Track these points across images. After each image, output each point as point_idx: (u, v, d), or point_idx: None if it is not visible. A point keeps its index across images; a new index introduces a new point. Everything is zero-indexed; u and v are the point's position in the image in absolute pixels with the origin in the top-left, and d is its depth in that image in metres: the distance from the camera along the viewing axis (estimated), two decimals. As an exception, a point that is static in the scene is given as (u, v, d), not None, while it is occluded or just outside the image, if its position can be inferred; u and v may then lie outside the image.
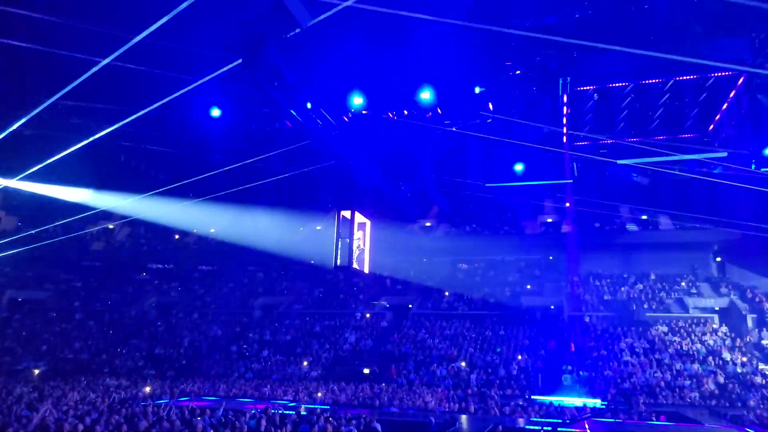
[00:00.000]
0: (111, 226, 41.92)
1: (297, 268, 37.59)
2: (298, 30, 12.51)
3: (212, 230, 34.93)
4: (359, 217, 28.06)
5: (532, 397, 21.26)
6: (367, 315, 32.42)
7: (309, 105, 18.44)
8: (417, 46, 19.56)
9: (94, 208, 24.85)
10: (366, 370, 25.99)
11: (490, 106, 24.09)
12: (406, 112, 20.91)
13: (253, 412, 14.01)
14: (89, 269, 43.51)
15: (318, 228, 39.25)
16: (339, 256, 26.43)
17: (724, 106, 22.97)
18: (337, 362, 27.70)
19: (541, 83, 22.23)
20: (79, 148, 14.49)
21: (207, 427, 11.96)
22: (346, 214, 27.68)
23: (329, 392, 21.37)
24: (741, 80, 21.70)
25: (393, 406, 18.18)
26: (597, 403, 20.24)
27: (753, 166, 23.46)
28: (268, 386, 23.18)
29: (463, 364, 25.16)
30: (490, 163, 27.76)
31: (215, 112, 20.92)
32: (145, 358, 31.03)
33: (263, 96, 19.12)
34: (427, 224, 37.64)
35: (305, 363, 27.34)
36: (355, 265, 27.89)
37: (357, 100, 20.04)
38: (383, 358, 27.29)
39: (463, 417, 16.08)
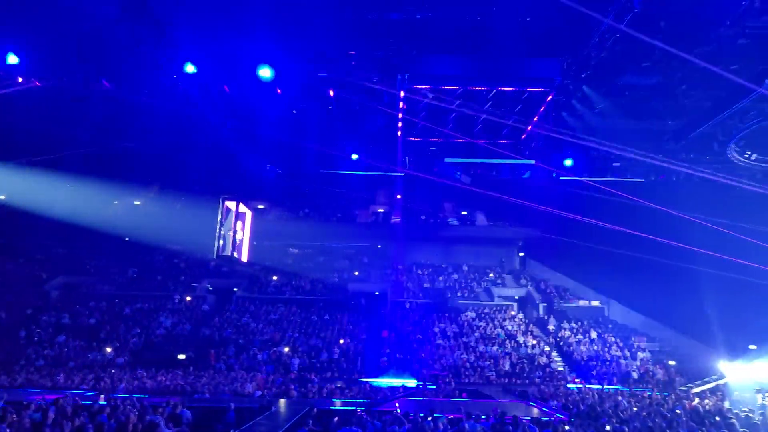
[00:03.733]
0: None
1: (108, 245, 33.84)
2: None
3: (1, 197, 29.81)
4: (238, 206, 27.41)
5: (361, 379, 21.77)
6: (188, 298, 30.53)
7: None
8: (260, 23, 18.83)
9: None
10: (181, 356, 24.44)
11: (331, 92, 24.21)
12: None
13: (39, 403, 12.21)
14: None
15: (137, 203, 35.94)
16: (221, 246, 25.53)
17: (535, 119, 25.77)
18: (148, 348, 25.61)
19: (381, 77, 22.86)
20: None
21: (-26, 422, 10.11)
22: (231, 204, 26.75)
23: (136, 380, 19.66)
24: (550, 97, 24.49)
25: (207, 392, 17.31)
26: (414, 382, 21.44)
27: (554, 175, 26.82)
28: (62, 375, 20.57)
29: (286, 349, 24.94)
30: (327, 150, 27.93)
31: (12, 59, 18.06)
32: None
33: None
34: (260, 206, 36.58)
35: (109, 349, 24.83)
36: (234, 255, 26.99)
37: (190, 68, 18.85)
38: (202, 343, 25.91)
39: (281, 401, 15.88)
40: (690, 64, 15.93)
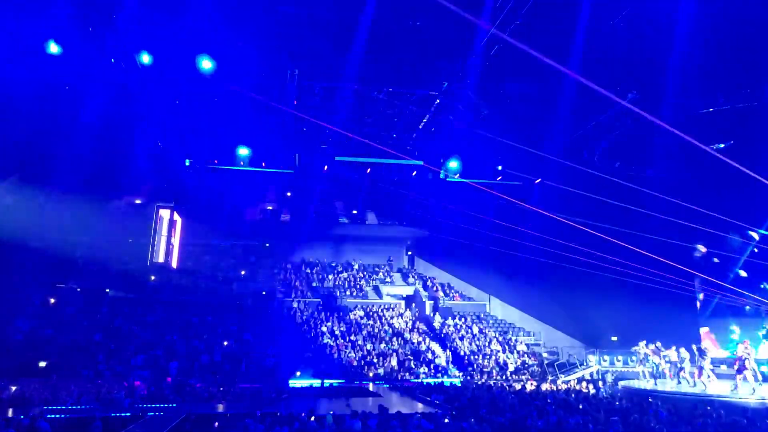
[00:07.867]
0: None
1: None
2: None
3: None
4: (172, 215, 26.59)
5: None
6: (51, 300, 27.71)
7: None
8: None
9: None
10: (42, 363, 22.16)
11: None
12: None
13: None
14: None
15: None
16: (155, 253, 24.35)
17: (424, 121, 26.39)
18: (2, 355, 22.84)
19: (273, 69, 22.18)
20: None
21: None
22: (165, 213, 25.72)
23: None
24: (437, 101, 25.20)
25: (70, 402, 15.75)
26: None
27: (442, 175, 27.70)
28: None
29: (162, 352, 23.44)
30: (214, 143, 26.66)
31: None
32: None
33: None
34: (137, 201, 34.07)
35: (-47, 358, 21.84)
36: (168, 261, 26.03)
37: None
38: (67, 348, 23.62)
39: (157, 407, 14.88)
40: (562, 74, 17.13)
